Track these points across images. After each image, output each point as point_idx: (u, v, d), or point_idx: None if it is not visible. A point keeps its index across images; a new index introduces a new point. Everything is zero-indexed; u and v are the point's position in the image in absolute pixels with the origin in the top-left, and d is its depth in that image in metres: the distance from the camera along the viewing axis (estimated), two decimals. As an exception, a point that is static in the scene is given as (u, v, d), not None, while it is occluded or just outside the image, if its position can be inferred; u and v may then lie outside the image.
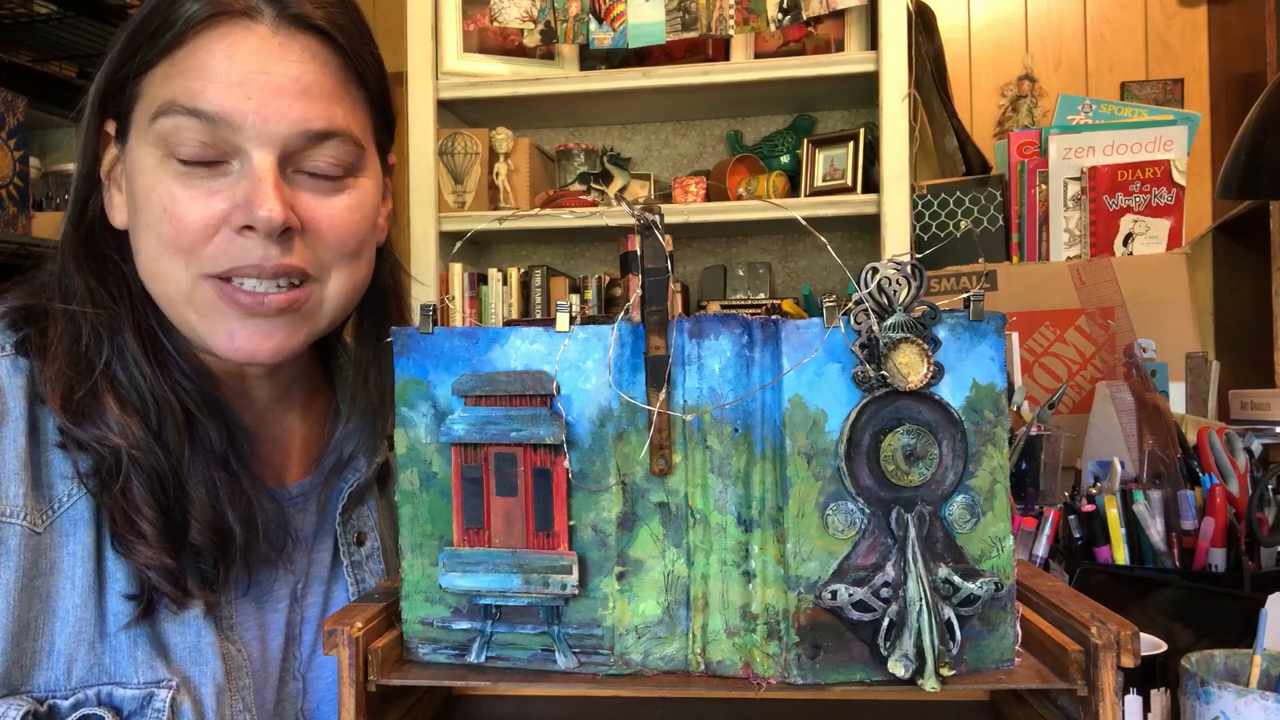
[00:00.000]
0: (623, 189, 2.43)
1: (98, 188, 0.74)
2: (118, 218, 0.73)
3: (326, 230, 0.71)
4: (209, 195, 0.67)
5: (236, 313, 0.69)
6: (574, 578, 0.56)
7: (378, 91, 0.75)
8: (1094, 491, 1.05)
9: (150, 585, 0.68)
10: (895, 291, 0.55)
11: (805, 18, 2.15)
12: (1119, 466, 1.07)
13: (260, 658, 0.76)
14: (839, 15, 2.18)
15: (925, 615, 0.53)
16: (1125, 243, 1.92)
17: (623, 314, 0.57)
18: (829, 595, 0.54)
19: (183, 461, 0.70)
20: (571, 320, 0.57)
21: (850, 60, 2.17)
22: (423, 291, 2.22)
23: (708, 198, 2.32)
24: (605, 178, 2.45)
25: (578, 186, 2.43)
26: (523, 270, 2.37)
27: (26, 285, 0.75)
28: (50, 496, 0.68)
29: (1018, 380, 1.47)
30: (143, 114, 0.69)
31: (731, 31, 2.18)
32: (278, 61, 0.67)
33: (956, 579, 0.54)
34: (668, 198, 2.36)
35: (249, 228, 0.67)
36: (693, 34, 2.18)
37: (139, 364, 0.70)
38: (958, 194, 2.10)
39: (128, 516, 0.68)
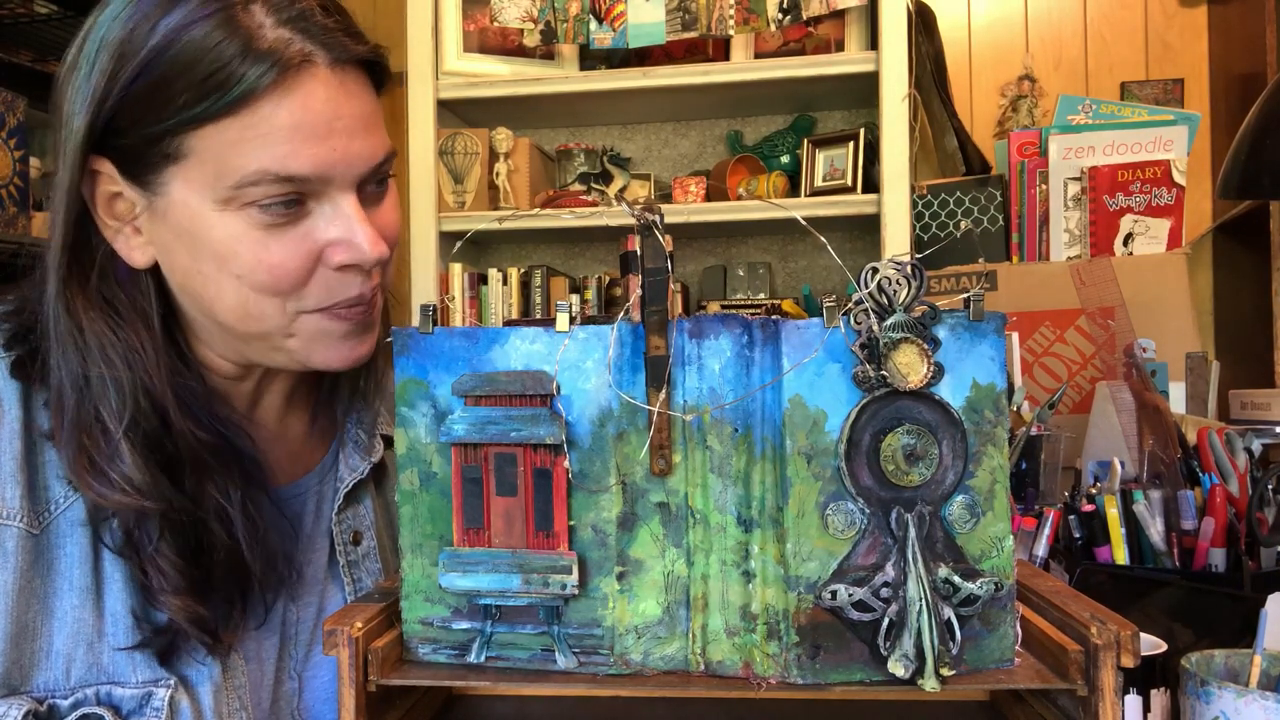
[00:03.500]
0: (623, 189, 2.43)
1: (89, 233, 0.69)
2: (138, 258, 0.70)
3: (389, 239, 0.73)
4: (300, 240, 0.68)
5: (339, 332, 0.72)
6: (574, 578, 0.56)
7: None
8: (1094, 491, 1.05)
9: (176, 631, 0.68)
10: (895, 291, 0.55)
11: (805, 18, 2.15)
12: (1119, 466, 1.06)
13: (255, 657, 0.76)
14: (839, 15, 2.18)
15: (925, 615, 0.53)
16: (1125, 243, 1.92)
17: (623, 314, 0.56)
18: (829, 595, 0.54)
19: (203, 507, 0.70)
20: (571, 320, 0.57)
21: (850, 60, 2.17)
22: (423, 292, 2.23)
23: (708, 198, 2.32)
24: (605, 178, 2.45)
25: (578, 186, 2.43)
26: (523, 270, 2.37)
27: (19, 290, 0.73)
28: (46, 499, 0.68)
29: (1018, 380, 1.47)
30: (201, 173, 0.65)
31: (731, 31, 2.18)
32: (344, 103, 0.67)
33: (956, 579, 0.54)
34: (668, 198, 2.36)
35: (353, 265, 0.69)
36: (693, 34, 2.18)
37: (164, 416, 0.69)
38: (958, 194, 2.10)
39: (160, 570, 0.68)
